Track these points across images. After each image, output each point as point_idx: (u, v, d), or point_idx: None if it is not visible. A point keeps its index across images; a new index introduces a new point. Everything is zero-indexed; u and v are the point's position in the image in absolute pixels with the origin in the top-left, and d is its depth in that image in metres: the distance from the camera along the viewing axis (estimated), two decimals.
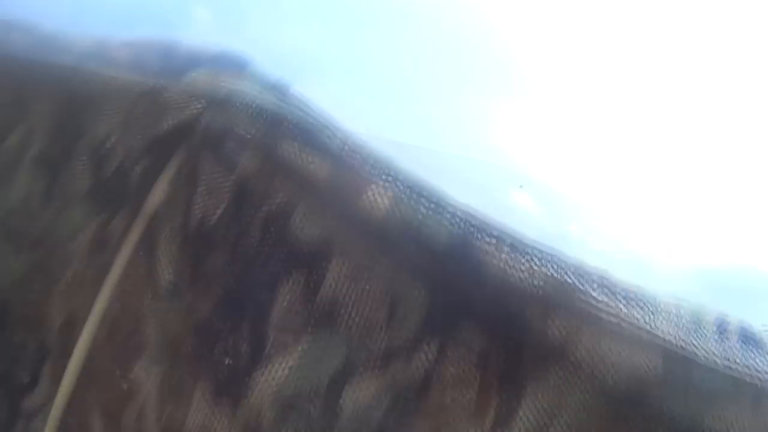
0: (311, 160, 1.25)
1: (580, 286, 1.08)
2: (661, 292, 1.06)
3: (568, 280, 1.09)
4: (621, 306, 1.07)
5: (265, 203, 1.26)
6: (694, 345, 1.06)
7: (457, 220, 1.19)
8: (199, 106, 1.28)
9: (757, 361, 1.03)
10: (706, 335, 1.09)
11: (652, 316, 1.06)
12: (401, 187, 1.26)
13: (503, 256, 1.10)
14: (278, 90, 1.32)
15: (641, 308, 1.06)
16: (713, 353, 1.07)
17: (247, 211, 1.27)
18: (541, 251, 1.06)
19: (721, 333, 1.10)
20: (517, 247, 1.10)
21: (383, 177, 1.26)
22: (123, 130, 1.30)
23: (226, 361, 1.26)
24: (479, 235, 1.16)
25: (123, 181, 1.31)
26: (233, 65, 1.37)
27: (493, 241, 1.14)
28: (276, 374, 1.23)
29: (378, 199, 1.22)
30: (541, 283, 1.07)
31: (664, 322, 1.08)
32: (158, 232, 1.35)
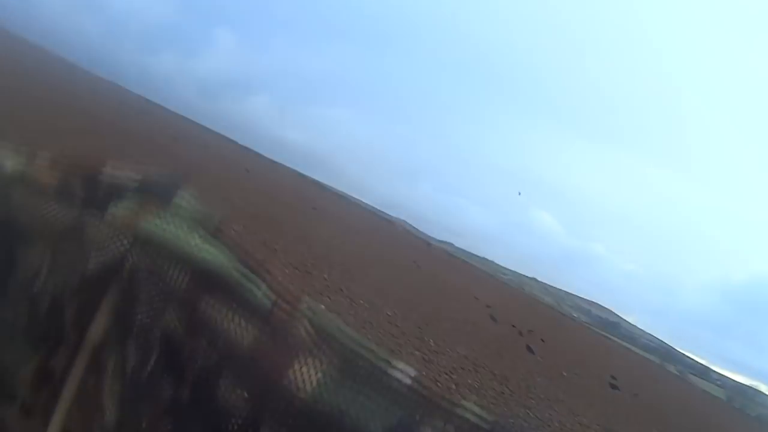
0: (236, 320, 1.15)
1: None
2: None
3: None
4: None
5: (192, 363, 1.18)
6: None
7: (400, 399, 1.05)
8: (126, 243, 1.20)
9: None
10: None
11: None
12: (332, 363, 1.13)
13: None
14: (206, 225, 1.23)
15: None
16: None
17: (177, 368, 1.19)
18: None
19: None
20: None
21: (312, 348, 1.14)
22: (53, 268, 1.25)
23: None
24: (424, 422, 1.02)
25: (58, 319, 1.26)
26: (157, 196, 1.28)
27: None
28: None
29: (304, 376, 1.09)
30: None
31: None
32: (101, 369, 1.30)
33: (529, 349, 17.65)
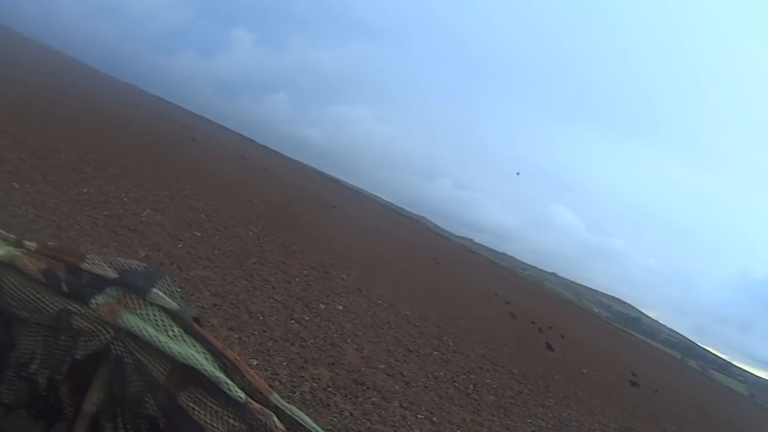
0: (212, 411, 1.25)
1: None
2: None
3: None
4: None
5: None
6: None
7: None
8: (110, 333, 1.35)
9: None
10: None
11: None
12: None
13: None
14: (180, 320, 1.35)
15: None
16: None
17: None
18: None
19: None
20: None
21: None
22: (45, 352, 1.40)
23: None
24: None
25: (55, 395, 1.41)
26: (135, 290, 1.39)
27: None
28: None
29: None
30: None
31: None
32: None
33: (548, 346, 17.59)
